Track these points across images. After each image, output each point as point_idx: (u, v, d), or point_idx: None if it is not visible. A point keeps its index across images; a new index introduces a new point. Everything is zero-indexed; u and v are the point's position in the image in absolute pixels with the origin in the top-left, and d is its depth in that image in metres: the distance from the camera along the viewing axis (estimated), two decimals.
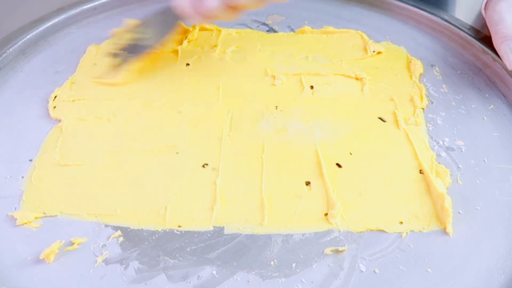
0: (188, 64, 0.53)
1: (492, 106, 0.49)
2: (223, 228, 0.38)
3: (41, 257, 0.36)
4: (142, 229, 0.38)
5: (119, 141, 0.45)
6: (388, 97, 0.49)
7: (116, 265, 0.36)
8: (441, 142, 0.45)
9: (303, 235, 0.38)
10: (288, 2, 0.62)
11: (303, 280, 0.35)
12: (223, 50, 0.55)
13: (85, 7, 0.60)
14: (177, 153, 0.44)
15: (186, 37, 0.56)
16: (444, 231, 0.38)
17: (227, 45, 0.56)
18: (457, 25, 0.57)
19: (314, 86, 0.50)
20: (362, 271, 0.36)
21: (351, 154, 0.44)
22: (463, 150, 0.45)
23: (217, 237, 0.38)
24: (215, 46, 0.55)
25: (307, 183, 0.41)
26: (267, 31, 0.59)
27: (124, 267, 0.36)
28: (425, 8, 0.60)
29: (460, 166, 0.43)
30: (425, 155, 0.44)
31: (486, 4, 0.54)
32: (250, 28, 0.60)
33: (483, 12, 0.55)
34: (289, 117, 0.47)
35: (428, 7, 0.60)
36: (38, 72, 0.52)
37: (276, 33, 0.59)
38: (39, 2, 0.62)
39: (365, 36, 0.57)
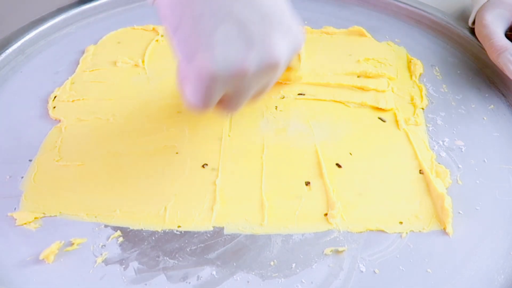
0: None
1: (492, 106, 0.49)
2: (222, 228, 0.38)
3: (41, 257, 0.36)
4: (142, 229, 0.38)
5: (119, 141, 0.45)
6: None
7: (115, 266, 0.36)
8: (441, 142, 0.45)
9: (303, 235, 0.38)
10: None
11: (303, 281, 0.35)
12: None
13: (85, 7, 0.60)
14: (177, 153, 0.44)
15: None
16: (444, 231, 0.38)
17: None
18: (457, 25, 0.57)
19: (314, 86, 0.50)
20: (362, 271, 0.36)
21: (351, 154, 0.44)
22: (463, 150, 0.45)
23: (216, 238, 0.38)
24: None
25: (307, 183, 0.41)
26: None
27: (123, 268, 0.36)
28: (425, 8, 0.60)
29: (460, 166, 0.43)
30: (425, 155, 0.44)
31: (473, 21, 0.54)
32: None
33: (471, 26, 0.55)
34: (289, 117, 0.47)
35: (428, 7, 0.60)
36: (38, 72, 0.52)
37: None
38: (39, 2, 0.62)
39: (365, 32, 0.57)
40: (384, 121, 0.47)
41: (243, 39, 0.30)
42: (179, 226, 0.38)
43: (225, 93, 0.33)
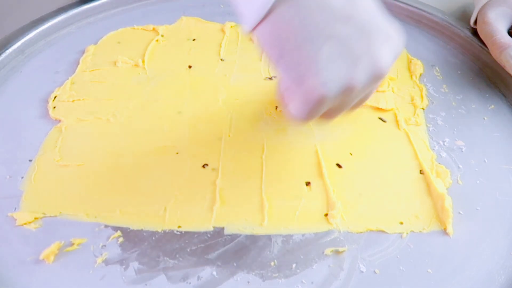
0: (190, 67, 0.53)
1: (492, 106, 0.49)
2: (223, 228, 0.38)
3: (41, 258, 0.36)
4: (142, 229, 0.38)
5: (119, 141, 0.45)
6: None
7: (116, 266, 0.36)
8: (441, 142, 0.45)
9: (303, 235, 0.38)
10: None
11: (303, 281, 0.35)
12: (224, 51, 0.55)
13: (85, 7, 0.60)
14: (177, 153, 0.44)
15: None
16: (444, 232, 0.38)
17: (229, 46, 0.56)
18: (457, 25, 0.57)
19: None
20: (362, 272, 0.36)
21: (351, 154, 0.44)
22: (463, 150, 0.45)
23: (217, 238, 0.38)
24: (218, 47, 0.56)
25: (307, 184, 0.41)
26: None
27: (124, 268, 0.36)
28: (425, 8, 0.60)
29: (461, 166, 0.43)
30: (425, 156, 0.44)
31: (475, 20, 0.54)
32: None
33: (473, 26, 0.55)
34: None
35: (428, 7, 0.60)
36: (38, 72, 0.52)
37: None
38: (39, 2, 0.62)
39: None
40: (384, 121, 0.47)
41: (348, 57, 0.30)
42: (179, 226, 0.38)
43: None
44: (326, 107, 0.32)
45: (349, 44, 0.30)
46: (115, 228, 0.38)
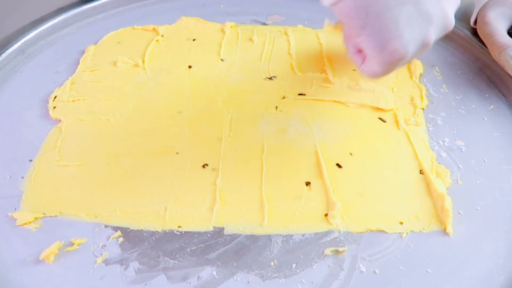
0: (190, 67, 0.53)
1: (492, 106, 0.49)
2: (223, 228, 0.38)
3: (41, 258, 0.36)
4: (142, 229, 0.38)
5: (119, 141, 0.45)
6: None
7: (116, 266, 0.36)
8: (441, 143, 0.45)
9: (303, 235, 0.38)
10: (287, 2, 0.63)
11: (303, 281, 0.35)
12: (224, 51, 0.55)
13: (85, 7, 0.60)
14: (177, 153, 0.44)
15: None
16: (444, 232, 0.38)
17: (229, 46, 0.56)
18: (457, 25, 0.57)
19: (314, 86, 0.50)
20: (362, 272, 0.36)
21: (351, 154, 0.44)
22: (463, 150, 0.45)
23: (217, 238, 0.38)
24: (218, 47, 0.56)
25: (307, 184, 0.41)
26: None
27: (124, 268, 0.36)
28: None
29: (460, 166, 0.43)
30: (425, 156, 0.44)
31: (475, 20, 0.54)
32: None
33: (473, 26, 0.55)
34: (289, 117, 0.47)
35: None
36: (38, 72, 0.52)
37: None
38: (39, 2, 0.62)
39: None
40: (384, 121, 0.47)
41: (424, 17, 0.34)
42: (179, 226, 0.38)
43: None
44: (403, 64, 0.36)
45: (424, 6, 0.34)
46: (115, 228, 0.38)
